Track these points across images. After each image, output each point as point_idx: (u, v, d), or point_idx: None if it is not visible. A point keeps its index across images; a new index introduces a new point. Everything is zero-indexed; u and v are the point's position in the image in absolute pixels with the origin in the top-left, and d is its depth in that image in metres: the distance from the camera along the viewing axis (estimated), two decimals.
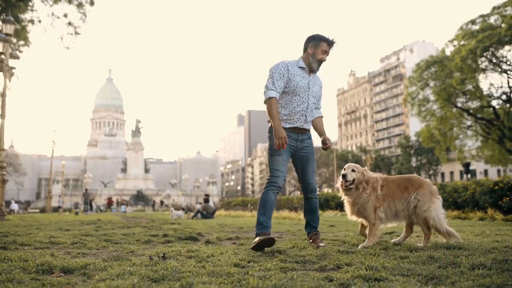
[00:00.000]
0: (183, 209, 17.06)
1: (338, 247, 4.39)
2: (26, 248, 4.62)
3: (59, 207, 39.65)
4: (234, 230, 8.15)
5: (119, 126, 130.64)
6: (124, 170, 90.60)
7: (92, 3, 20.04)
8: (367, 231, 4.74)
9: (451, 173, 75.86)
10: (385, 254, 3.71)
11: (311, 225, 4.96)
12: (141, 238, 5.81)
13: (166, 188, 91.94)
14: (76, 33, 20.44)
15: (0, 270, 2.83)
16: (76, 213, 31.43)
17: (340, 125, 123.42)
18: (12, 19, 16.20)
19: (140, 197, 78.92)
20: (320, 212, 20.18)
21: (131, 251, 4.27)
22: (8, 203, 37.04)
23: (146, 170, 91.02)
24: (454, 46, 38.00)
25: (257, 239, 4.15)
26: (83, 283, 2.47)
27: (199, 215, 16.83)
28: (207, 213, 17.02)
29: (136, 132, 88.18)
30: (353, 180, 4.55)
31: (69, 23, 20.18)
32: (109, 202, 40.86)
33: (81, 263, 3.12)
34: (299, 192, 79.26)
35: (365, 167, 4.78)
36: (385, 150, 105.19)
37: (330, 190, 73.65)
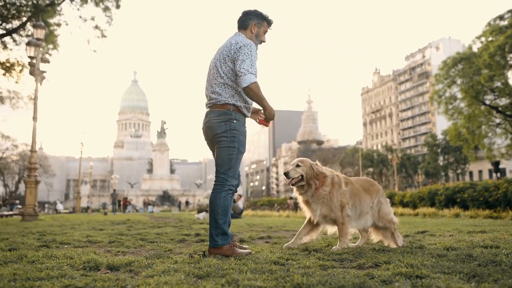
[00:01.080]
0: (206, 211, 17.22)
1: (373, 246, 4.40)
2: (66, 246, 4.76)
3: (88, 207, 40.37)
4: (264, 229, 8.19)
5: (145, 127, 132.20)
6: (150, 170, 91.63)
7: (118, 6, 20.30)
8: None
9: (480, 172, 74.38)
10: (421, 253, 3.71)
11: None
12: (175, 237, 5.91)
13: (192, 188, 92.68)
14: (103, 36, 20.75)
15: (50, 266, 2.94)
16: (105, 213, 31.96)
17: (365, 124, 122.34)
18: (42, 24, 16.59)
19: (166, 198, 79.70)
20: None
21: (168, 250, 4.35)
22: (53, 204, 38.15)
23: (172, 171, 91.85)
24: (481, 42, 37.28)
25: (242, 251, 3.84)
26: (131, 279, 2.54)
27: None
28: (234, 213, 17.13)
29: (161, 133, 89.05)
30: (302, 176, 4.26)
31: (96, 26, 20.50)
32: (124, 203, 41.40)
33: (125, 260, 3.21)
34: None
35: (317, 161, 4.50)
36: (411, 149, 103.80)
37: None
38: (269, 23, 4.19)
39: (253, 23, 4.11)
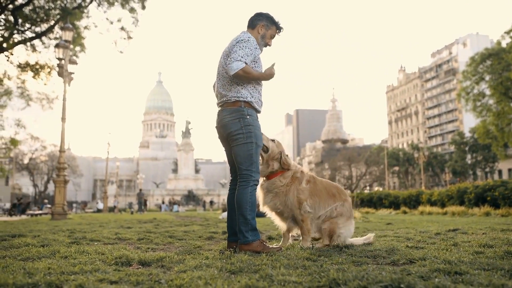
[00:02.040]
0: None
1: (405, 243, 4.30)
2: (96, 243, 4.80)
3: (115, 207, 40.92)
4: None
5: (169, 128, 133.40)
6: (175, 170, 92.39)
7: (143, 7, 20.51)
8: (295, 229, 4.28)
9: (509, 170, 72.67)
10: (457, 250, 3.62)
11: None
12: (202, 235, 5.91)
13: (216, 188, 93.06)
14: (129, 37, 20.99)
15: (83, 261, 2.96)
16: (131, 213, 32.35)
17: (390, 123, 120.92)
18: (70, 26, 16.88)
19: (191, 197, 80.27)
20: (373, 210, 19.73)
21: (198, 246, 4.34)
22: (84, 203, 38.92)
23: (196, 171, 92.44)
24: (511, 37, 36.45)
25: (272, 247, 3.86)
26: (164, 274, 2.53)
27: None
28: (259, 212, 17.11)
29: (186, 133, 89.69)
30: (267, 148, 4.20)
31: (122, 28, 20.74)
32: (143, 202, 41.88)
33: (156, 256, 3.21)
34: (349, 191, 78.36)
35: (287, 154, 4.35)
36: (438, 148, 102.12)
37: (381, 189, 72.30)
38: (278, 28, 4.20)
39: (261, 24, 4.13)
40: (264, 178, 4.27)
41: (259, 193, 4.26)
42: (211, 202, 58.76)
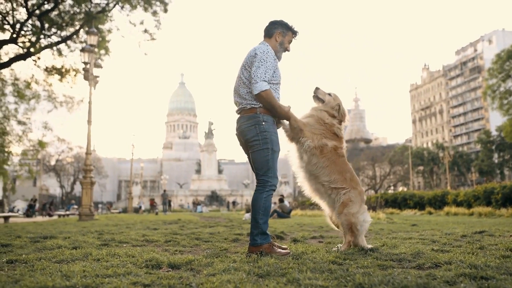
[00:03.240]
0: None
1: (430, 246, 4.30)
2: (125, 245, 4.92)
3: (140, 207, 41.40)
4: (315, 229, 8.17)
5: (192, 129, 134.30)
6: (198, 171, 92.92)
7: (165, 10, 20.72)
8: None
9: None
10: (483, 254, 3.60)
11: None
12: (228, 237, 5.99)
13: (239, 188, 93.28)
14: (152, 39, 21.24)
15: (115, 264, 3.06)
16: (156, 213, 32.71)
17: (414, 122, 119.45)
18: (95, 30, 17.20)
19: (214, 198, 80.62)
20: (398, 211, 19.54)
21: (224, 249, 4.42)
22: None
23: (220, 171, 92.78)
24: None
25: (281, 251, 3.89)
26: (194, 277, 2.61)
27: (275, 214, 17.00)
28: (283, 213, 17.15)
29: (209, 134, 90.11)
30: (323, 101, 4.33)
31: (145, 30, 21.01)
32: (152, 204, 42.29)
33: (185, 259, 3.29)
34: (373, 191, 77.66)
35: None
36: (464, 146, 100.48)
37: (405, 189, 71.48)
38: (294, 33, 4.30)
39: (277, 31, 4.24)
40: None
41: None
42: (234, 203, 59.01)
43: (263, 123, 4.00)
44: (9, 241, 5.22)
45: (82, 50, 16.81)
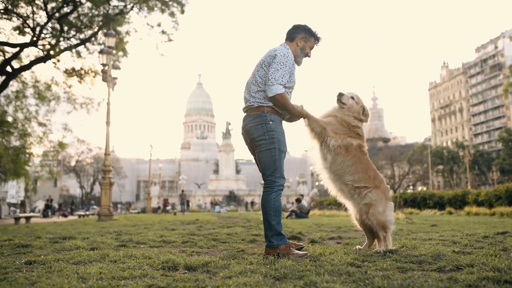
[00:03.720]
0: None
1: (451, 248, 4.21)
2: (142, 246, 4.93)
3: (159, 207, 41.67)
4: (333, 229, 8.10)
5: (210, 129, 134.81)
6: (216, 171, 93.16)
7: (182, 11, 20.81)
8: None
9: None
10: (506, 256, 3.51)
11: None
12: (245, 238, 5.96)
13: (257, 188, 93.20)
14: (169, 40, 21.35)
15: (132, 266, 3.06)
16: (174, 214, 32.88)
17: (433, 120, 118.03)
18: (113, 32, 17.36)
19: (232, 198, 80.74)
20: (417, 211, 19.30)
21: (241, 250, 4.39)
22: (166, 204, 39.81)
23: (237, 171, 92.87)
24: None
25: (298, 252, 3.85)
26: (210, 280, 2.59)
27: (293, 215, 16.95)
28: (301, 213, 17.08)
29: (227, 134, 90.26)
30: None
31: (162, 32, 21.13)
32: (165, 204, 42.54)
33: (202, 261, 3.27)
34: (391, 191, 76.88)
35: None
36: (484, 145, 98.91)
37: (425, 188, 70.68)
38: (316, 39, 4.24)
39: (299, 36, 4.18)
40: None
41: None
42: (252, 203, 58.96)
43: (270, 122, 3.96)
44: (29, 242, 5.28)
45: (101, 52, 16.99)
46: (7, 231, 8.46)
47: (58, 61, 20.96)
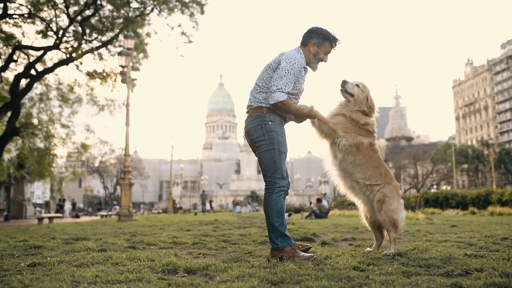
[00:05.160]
0: (289, 214, 17.37)
1: (465, 250, 4.09)
2: (152, 247, 4.94)
3: (180, 207, 41.96)
4: (350, 230, 8.00)
5: (231, 129, 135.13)
6: (237, 171, 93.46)
7: (202, 12, 20.88)
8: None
9: None
10: None
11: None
12: (257, 239, 5.92)
13: None
14: (189, 41, 21.44)
15: (131, 269, 3.05)
16: (195, 214, 33.05)
17: (457, 119, 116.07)
18: (132, 34, 17.52)
19: (253, 198, 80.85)
20: (439, 211, 18.95)
21: (249, 252, 4.35)
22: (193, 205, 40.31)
23: (259, 171, 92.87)
24: None
25: (304, 254, 3.77)
26: (205, 284, 2.55)
27: (313, 215, 16.85)
28: (321, 213, 16.96)
29: None
30: (352, 95, 4.15)
31: (182, 33, 21.23)
32: (173, 204, 42.74)
33: (203, 264, 3.24)
34: (415, 190, 75.89)
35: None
36: (510, 143, 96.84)
37: (449, 188, 69.55)
38: (332, 42, 4.05)
39: (312, 42, 4.02)
40: None
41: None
42: None
43: (270, 122, 3.90)
44: (43, 243, 5.34)
45: (119, 53, 17.16)
46: (27, 232, 8.60)
47: (81, 63, 21.29)
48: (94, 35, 20.91)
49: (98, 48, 20.84)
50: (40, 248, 4.84)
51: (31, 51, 20.72)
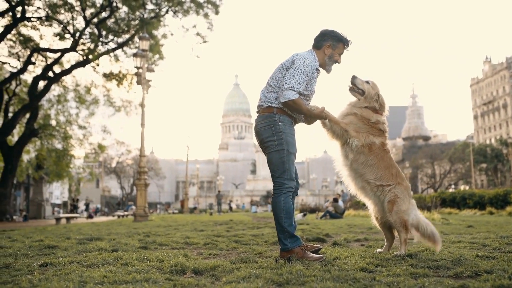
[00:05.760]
0: (304, 214, 17.32)
1: (477, 251, 4.05)
2: (164, 248, 4.98)
3: (195, 207, 42.19)
4: (363, 230, 7.95)
5: (247, 129, 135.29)
6: (253, 171, 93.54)
7: (217, 12, 20.94)
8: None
9: None
10: None
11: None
12: (269, 239, 5.92)
13: None
14: (204, 41, 21.53)
15: (139, 269, 3.08)
16: (211, 214, 33.18)
17: (475, 117, 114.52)
18: (147, 36, 17.66)
19: (269, 198, 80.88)
20: (456, 211, 18.75)
21: (259, 253, 4.36)
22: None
23: None
24: None
25: (313, 255, 3.75)
26: (211, 284, 2.57)
27: (328, 215, 16.80)
28: (336, 213, 16.90)
29: None
30: (362, 92, 4.12)
31: (197, 33, 21.33)
32: (182, 205, 42.86)
33: (211, 264, 3.26)
34: (432, 190, 75.09)
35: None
36: None
37: (467, 187, 68.69)
38: (345, 43, 4.09)
39: (326, 44, 4.04)
40: None
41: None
42: None
43: (279, 123, 3.90)
44: (58, 243, 5.42)
45: (134, 55, 17.30)
46: (44, 232, 8.71)
47: (98, 65, 21.55)
48: (110, 37, 21.14)
49: (114, 49, 21.07)
50: (54, 248, 4.91)
51: (48, 54, 21.05)
